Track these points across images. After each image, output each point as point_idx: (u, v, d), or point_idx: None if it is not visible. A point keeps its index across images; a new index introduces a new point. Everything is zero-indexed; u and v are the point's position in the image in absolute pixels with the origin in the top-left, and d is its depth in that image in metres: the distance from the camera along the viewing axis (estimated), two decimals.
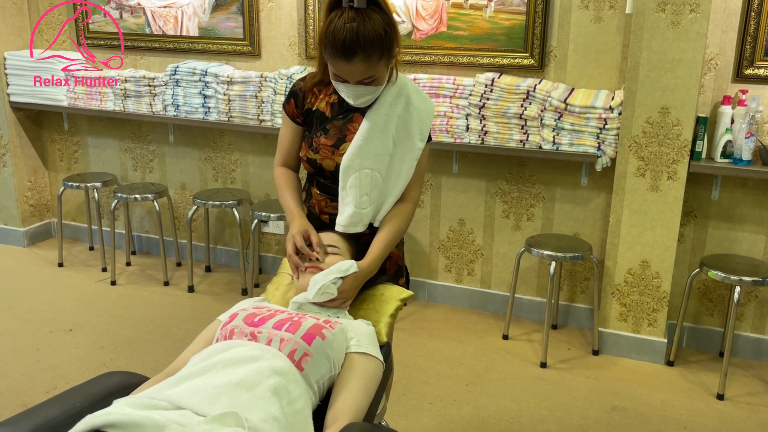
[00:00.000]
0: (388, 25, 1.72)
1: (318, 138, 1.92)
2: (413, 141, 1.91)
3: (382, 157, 1.87)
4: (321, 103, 1.94)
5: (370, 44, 1.68)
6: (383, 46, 1.71)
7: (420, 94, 1.94)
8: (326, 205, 1.99)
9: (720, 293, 3.28)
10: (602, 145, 3.10)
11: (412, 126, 1.90)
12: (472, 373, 3.06)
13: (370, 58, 1.71)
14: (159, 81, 3.89)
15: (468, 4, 3.32)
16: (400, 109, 1.88)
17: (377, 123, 1.86)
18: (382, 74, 1.79)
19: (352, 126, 1.90)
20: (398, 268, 2.10)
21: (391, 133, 1.88)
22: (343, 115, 1.91)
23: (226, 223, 4.24)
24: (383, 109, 1.87)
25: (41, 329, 3.39)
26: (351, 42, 1.67)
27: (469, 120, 3.28)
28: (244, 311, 1.69)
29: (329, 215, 1.98)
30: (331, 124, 1.92)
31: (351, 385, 1.58)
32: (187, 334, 3.36)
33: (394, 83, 1.88)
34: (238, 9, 3.80)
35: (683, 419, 2.75)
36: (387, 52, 1.74)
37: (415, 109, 1.91)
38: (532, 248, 3.16)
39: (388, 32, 1.72)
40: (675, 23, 2.83)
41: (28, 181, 4.52)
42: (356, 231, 1.92)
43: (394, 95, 1.88)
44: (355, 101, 1.83)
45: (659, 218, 3.04)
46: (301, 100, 1.96)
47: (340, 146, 1.90)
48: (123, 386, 1.62)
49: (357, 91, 1.80)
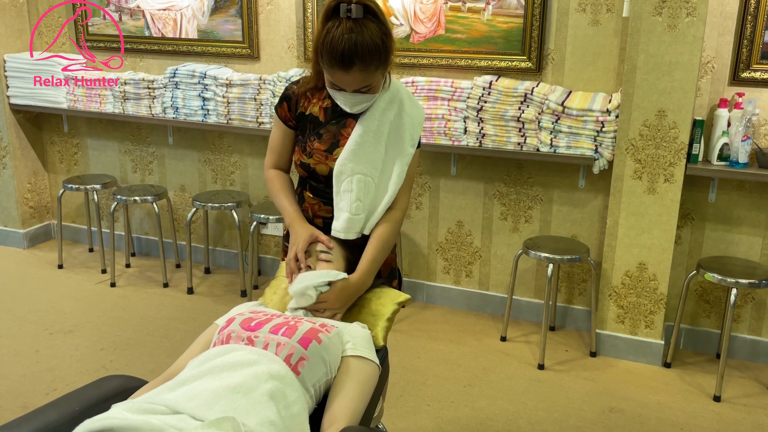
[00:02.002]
0: (385, 35, 1.73)
1: (312, 142, 1.93)
2: (404, 146, 1.92)
3: (375, 163, 1.88)
4: (314, 108, 1.94)
5: (368, 54, 1.70)
6: (380, 56, 1.73)
7: (412, 100, 1.95)
8: (320, 209, 1.99)
9: (717, 295, 3.29)
10: (599, 148, 3.11)
11: (404, 131, 1.91)
12: (469, 375, 3.07)
13: (368, 68, 1.72)
14: (158, 83, 3.90)
15: (466, 7, 3.33)
16: (392, 115, 1.90)
17: (370, 128, 1.87)
18: (379, 82, 1.81)
19: (345, 131, 1.91)
20: (391, 270, 2.11)
21: (384, 138, 1.89)
22: (336, 120, 1.92)
23: (226, 224, 4.25)
24: (376, 114, 1.88)
25: (41, 331, 3.41)
26: (349, 53, 1.68)
27: (467, 123, 3.29)
28: (241, 315, 1.70)
29: (322, 218, 1.99)
30: (324, 129, 1.93)
31: (347, 389, 1.60)
32: (187, 335, 3.37)
33: (387, 89, 1.89)
34: (237, 12, 3.81)
35: (680, 421, 2.77)
36: (384, 60, 1.75)
37: (407, 115, 1.92)
38: (530, 250, 3.17)
39: (385, 42, 1.73)
40: (672, 26, 2.84)
41: (28, 183, 4.54)
42: (349, 238, 1.92)
43: (387, 101, 1.89)
44: (351, 109, 1.84)
45: (656, 220, 3.05)
46: (294, 103, 1.96)
47: (334, 151, 1.90)
48: (121, 390, 1.63)
49: (354, 99, 1.81)
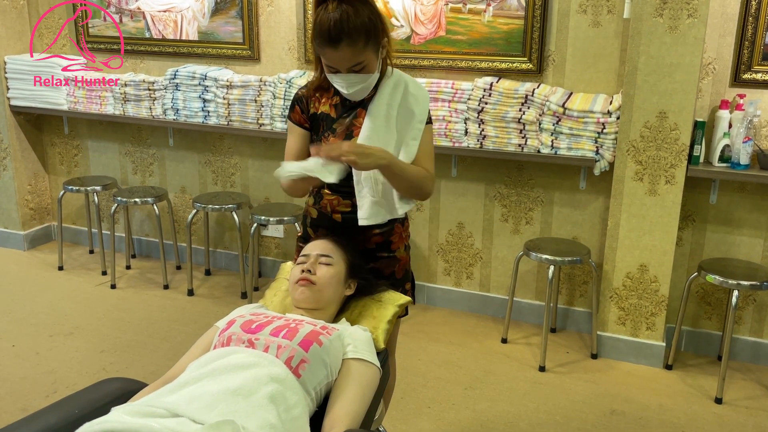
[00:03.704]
0: (372, 13, 1.79)
1: (327, 138, 1.97)
2: (413, 124, 1.96)
3: (389, 146, 1.91)
4: (324, 107, 1.98)
5: (355, 30, 1.74)
6: (368, 32, 1.77)
7: (415, 83, 2.01)
8: (338, 203, 2.01)
9: (718, 297, 3.28)
10: (600, 150, 3.10)
11: (413, 110, 1.96)
12: (470, 377, 3.07)
13: (356, 43, 1.76)
14: (159, 85, 3.90)
15: (466, 9, 3.33)
16: (399, 98, 1.94)
17: (380, 113, 1.91)
18: (371, 61, 1.83)
19: (357, 121, 1.95)
20: (406, 272, 2.12)
21: (394, 121, 1.93)
22: (347, 112, 1.96)
23: (226, 226, 4.25)
24: (384, 99, 1.92)
25: (41, 333, 3.40)
26: (336, 29, 1.73)
27: (468, 124, 3.28)
28: (242, 318, 1.70)
29: (341, 214, 2.01)
30: (337, 123, 1.96)
31: (348, 392, 1.59)
32: (187, 337, 3.37)
33: (390, 76, 1.94)
34: (237, 13, 3.81)
35: (681, 423, 2.76)
36: (373, 38, 1.79)
37: (412, 95, 1.97)
38: (531, 252, 3.16)
39: (372, 19, 1.78)
40: (673, 28, 2.84)
41: (29, 185, 4.53)
42: (378, 222, 1.95)
43: (392, 86, 1.94)
44: (348, 90, 1.86)
45: (657, 222, 3.05)
46: (305, 105, 2.01)
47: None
48: (121, 393, 1.63)
49: (349, 79, 1.83)
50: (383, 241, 2.04)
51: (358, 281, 1.92)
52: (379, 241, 2.03)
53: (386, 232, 2.04)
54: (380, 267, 2.04)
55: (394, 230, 2.05)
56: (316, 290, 1.80)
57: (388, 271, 2.06)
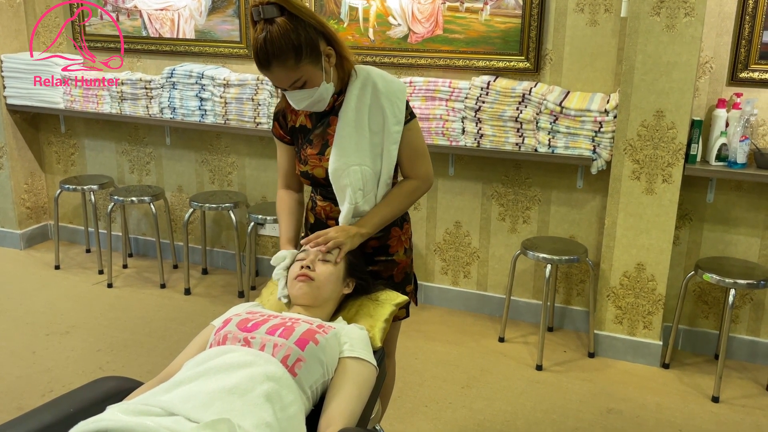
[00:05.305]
0: (300, 27, 1.72)
1: (305, 150, 1.97)
2: (388, 126, 1.92)
3: (364, 150, 1.90)
4: (301, 118, 1.99)
5: (280, 50, 1.70)
6: (297, 48, 1.71)
7: (385, 78, 1.94)
8: (331, 210, 2.02)
9: (715, 296, 3.29)
10: (597, 148, 3.10)
11: (384, 111, 1.91)
12: (467, 376, 3.07)
13: (286, 63, 1.72)
14: (155, 84, 3.89)
15: (464, 7, 3.33)
16: (368, 99, 1.91)
17: (349, 118, 1.90)
18: (313, 75, 1.78)
19: (330, 130, 1.94)
20: (406, 275, 2.11)
21: (365, 124, 1.91)
22: (320, 122, 1.96)
23: (223, 225, 4.24)
24: (351, 103, 1.90)
25: (38, 332, 3.40)
26: (263, 53, 1.71)
27: (465, 123, 3.28)
28: (238, 316, 1.69)
29: (335, 220, 2.01)
30: (313, 134, 1.97)
31: (344, 391, 1.59)
32: (184, 336, 3.36)
33: (357, 78, 1.90)
34: (234, 12, 3.80)
35: (678, 422, 2.76)
36: (307, 53, 1.74)
37: (382, 94, 1.91)
38: (528, 251, 3.16)
39: (301, 34, 1.71)
40: (670, 27, 2.84)
41: (25, 184, 4.52)
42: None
43: (359, 87, 1.90)
44: (297, 105, 1.86)
45: (654, 221, 3.05)
46: (282, 120, 2.02)
47: (325, 151, 1.94)
48: (117, 392, 1.63)
49: (294, 96, 1.83)
50: (380, 246, 2.04)
51: (357, 280, 1.92)
52: (376, 246, 2.03)
53: (382, 237, 2.03)
54: (379, 270, 2.05)
55: (390, 234, 2.05)
56: (315, 286, 1.80)
57: (386, 275, 2.06)
